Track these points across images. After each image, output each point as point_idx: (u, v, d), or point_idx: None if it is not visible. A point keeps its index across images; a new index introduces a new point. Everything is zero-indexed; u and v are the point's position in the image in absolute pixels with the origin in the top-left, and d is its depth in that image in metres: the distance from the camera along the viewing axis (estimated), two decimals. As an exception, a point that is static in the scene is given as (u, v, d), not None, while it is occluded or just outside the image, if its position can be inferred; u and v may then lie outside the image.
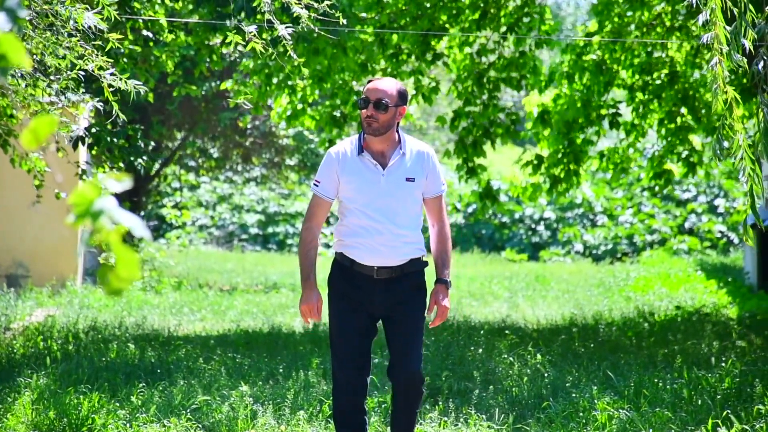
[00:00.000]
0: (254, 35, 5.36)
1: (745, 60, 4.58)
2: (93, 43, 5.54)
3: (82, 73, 5.65)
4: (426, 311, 4.60)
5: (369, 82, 4.56)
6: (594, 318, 11.23)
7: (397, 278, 4.51)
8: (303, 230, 4.60)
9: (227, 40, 5.60)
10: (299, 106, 11.87)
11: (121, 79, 5.49)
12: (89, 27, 5.22)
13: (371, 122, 4.44)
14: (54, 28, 5.39)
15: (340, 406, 4.53)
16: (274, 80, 10.86)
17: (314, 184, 4.58)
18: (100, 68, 5.51)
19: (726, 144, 4.55)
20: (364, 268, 4.50)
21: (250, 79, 11.28)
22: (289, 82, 11.10)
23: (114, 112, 5.72)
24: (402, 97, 4.51)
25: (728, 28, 4.46)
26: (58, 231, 13.17)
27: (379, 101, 4.43)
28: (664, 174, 12.48)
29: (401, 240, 4.48)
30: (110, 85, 5.52)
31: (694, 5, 4.59)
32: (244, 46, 5.48)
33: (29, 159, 6.84)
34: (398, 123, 4.52)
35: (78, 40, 5.43)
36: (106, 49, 5.95)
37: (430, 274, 4.69)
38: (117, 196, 12.91)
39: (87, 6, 5.32)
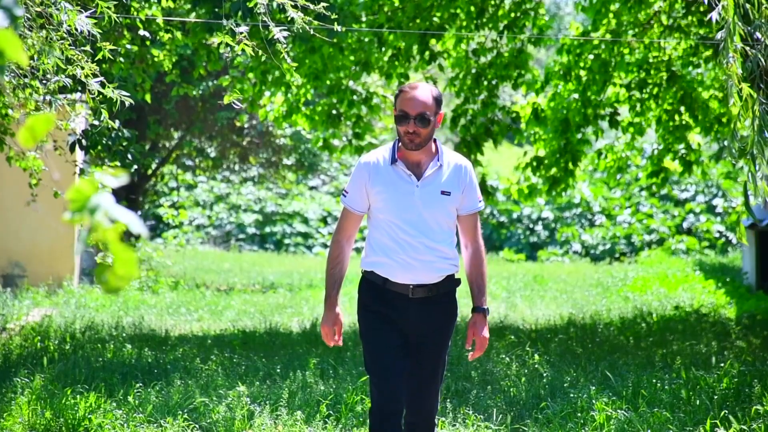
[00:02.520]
0: (245, 36, 5.31)
1: (760, 55, 4.53)
2: (82, 48, 5.49)
3: (69, 79, 5.61)
4: (465, 344, 4.28)
5: (400, 92, 4.18)
6: (592, 318, 11.22)
7: (433, 298, 4.18)
8: (331, 243, 4.28)
9: (219, 40, 5.57)
10: (293, 105, 11.84)
11: (106, 86, 5.46)
12: (81, 32, 5.18)
13: (413, 138, 4.10)
14: (46, 30, 5.35)
15: (378, 426, 4.15)
16: (270, 78, 10.83)
17: (343, 194, 4.25)
18: (87, 75, 5.47)
19: (740, 145, 4.51)
20: (398, 286, 4.15)
21: (246, 76, 11.27)
22: (285, 80, 11.08)
23: (106, 116, 5.70)
24: (439, 104, 4.17)
25: (741, 24, 4.42)
26: (55, 231, 13.15)
27: (421, 116, 4.09)
28: (661, 172, 12.49)
29: (436, 254, 4.14)
30: (99, 92, 5.49)
31: (706, 2, 4.55)
32: (234, 48, 5.44)
33: (26, 157, 6.83)
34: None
35: (69, 44, 5.39)
36: (96, 58, 5.91)
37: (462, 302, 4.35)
38: (114, 194, 12.91)
39: (80, 9, 5.29)
